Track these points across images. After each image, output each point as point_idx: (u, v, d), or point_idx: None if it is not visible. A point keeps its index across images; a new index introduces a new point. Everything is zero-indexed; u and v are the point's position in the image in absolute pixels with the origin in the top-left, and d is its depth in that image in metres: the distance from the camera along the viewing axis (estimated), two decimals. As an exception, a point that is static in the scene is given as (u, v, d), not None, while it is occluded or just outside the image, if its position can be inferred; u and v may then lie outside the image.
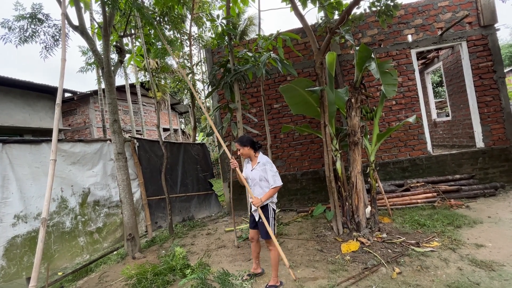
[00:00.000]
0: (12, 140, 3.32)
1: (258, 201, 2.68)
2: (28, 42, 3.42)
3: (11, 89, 9.03)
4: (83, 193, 4.02)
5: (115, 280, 3.48)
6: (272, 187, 2.70)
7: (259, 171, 2.80)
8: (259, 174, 2.79)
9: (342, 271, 2.91)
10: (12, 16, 3.43)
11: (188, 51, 9.23)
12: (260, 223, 2.75)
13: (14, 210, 3.11)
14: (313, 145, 6.12)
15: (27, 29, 3.40)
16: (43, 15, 3.45)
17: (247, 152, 2.88)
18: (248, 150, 2.87)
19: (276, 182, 2.71)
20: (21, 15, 3.30)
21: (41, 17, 3.45)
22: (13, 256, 3.02)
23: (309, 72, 6.16)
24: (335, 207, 4.02)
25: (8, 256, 2.98)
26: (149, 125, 15.23)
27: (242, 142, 2.90)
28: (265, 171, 2.76)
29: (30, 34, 3.41)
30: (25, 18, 3.32)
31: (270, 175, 2.73)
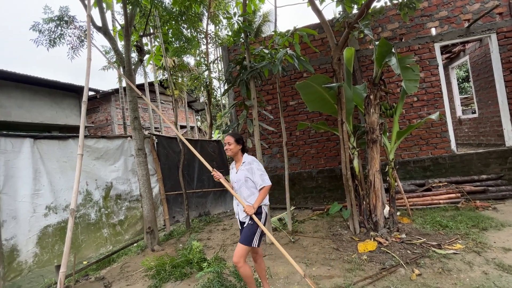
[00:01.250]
0: (42, 136, 3.53)
1: (250, 209, 2.31)
2: (56, 44, 3.63)
3: (40, 88, 9.59)
4: (106, 187, 4.21)
5: (135, 271, 3.64)
6: (261, 186, 2.37)
7: (244, 171, 2.48)
8: (244, 174, 2.46)
9: (358, 271, 2.87)
10: (42, 19, 3.64)
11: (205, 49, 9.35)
12: (248, 224, 2.37)
13: (46, 201, 3.32)
14: (329, 143, 6.03)
15: (55, 31, 3.59)
16: (69, 17, 3.64)
17: (236, 150, 2.54)
18: (237, 148, 2.55)
19: (265, 181, 2.38)
20: (50, 18, 3.50)
21: (68, 19, 3.63)
22: (45, 244, 3.23)
23: (326, 69, 6.06)
24: (352, 206, 3.96)
25: (41, 244, 3.20)
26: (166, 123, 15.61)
27: (237, 138, 2.57)
28: (251, 171, 2.43)
29: (58, 36, 3.61)
30: (54, 21, 3.52)
31: (257, 174, 2.39)
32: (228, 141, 2.56)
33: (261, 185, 2.37)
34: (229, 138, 2.58)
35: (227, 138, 2.58)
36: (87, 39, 2.22)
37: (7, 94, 8.76)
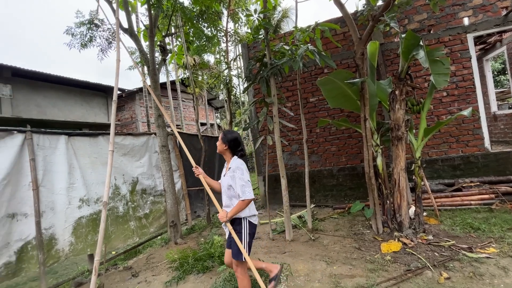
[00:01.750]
0: (75, 133, 3.77)
1: (223, 216, 2.19)
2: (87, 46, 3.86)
3: (72, 88, 10.21)
4: (132, 181, 4.42)
5: (160, 262, 3.80)
6: (241, 199, 2.14)
7: (227, 177, 2.28)
8: (227, 182, 2.27)
9: (382, 271, 2.80)
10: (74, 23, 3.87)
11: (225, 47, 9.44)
12: (232, 239, 2.23)
13: (79, 194, 3.56)
14: (351, 140, 5.89)
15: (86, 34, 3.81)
16: (98, 20, 3.84)
17: (222, 149, 2.37)
18: (223, 149, 2.35)
19: (245, 194, 2.13)
20: (81, 22, 3.72)
21: (97, 23, 3.84)
22: (79, 234, 3.47)
23: (347, 64, 5.89)
24: (375, 205, 3.85)
25: (76, 234, 3.44)
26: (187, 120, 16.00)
27: (225, 137, 2.37)
28: (233, 179, 2.21)
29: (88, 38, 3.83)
30: (85, 24, 3.74)
31: (238, 184, 2.16)
32: (220, 137, 2.40)
33: (241, 197, 2.15)
34: (221, 134, 2.42)
35: (220, 134, 2.43)
36: (116, 41, 2.34)
37: (43, 94, 9.42)
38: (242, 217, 2.23)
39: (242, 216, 2.22)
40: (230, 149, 2.35)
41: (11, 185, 3.01)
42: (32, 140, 3.25)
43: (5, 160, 2.99)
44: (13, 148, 3.08)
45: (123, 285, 3.24)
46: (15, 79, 8.51)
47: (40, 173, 3.28)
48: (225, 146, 2.34)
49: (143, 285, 3.15)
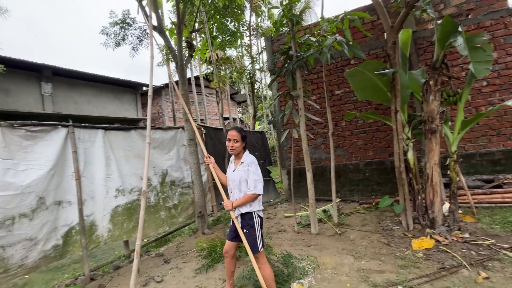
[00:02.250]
0: (111, 127, 4.01)
1: (229, 205, 2.28)
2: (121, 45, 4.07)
3: (104, 86, 10.83)
4: (162, 173, 4.63)
5: (189, 250, 3.98)
6: (251, 192, 2.20)
7: (241, 171, 2.30)
8: (240, 176, 2.29)
9: (413, 268, 2.72)
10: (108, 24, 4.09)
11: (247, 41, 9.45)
12: (245, 233, 2.28)
13: (115, 184, 3.80)
14: (379, 134, 5.68)
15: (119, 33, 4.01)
16: (130, 19, 4.02)
17: (241, 149, 2.37)
18: (241, 146, 2.35)
19: (256, 188, 2.20)
20: (115, 22, 3.91)
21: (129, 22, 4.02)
22: (116, 222, 3.72)
23: (376, 54, 5.66)
24: (405, 201, 3.71)
25: (113, 222, 3.70)
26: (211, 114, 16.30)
27: (244, 134, 2.36)
28: (247, 173, 2.25)
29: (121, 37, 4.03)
30: (118, 24, 3.93)
31: (252, 178, 2.22)
32: (234, 138, 2.31)
33: (252, 191, 2.21)
34: (235, 134, 2.32)
35: (233, 133, 2.32)
36: (150, 38, 2.45)
37: (80, 91, 10.08)
38: (253, 211, 2.27)
39: (253, 210, 2.27)
40: (244, 145, 2.40)
41: (57, 175, 3.29)
42: (74, 134, 3.51)
43: (52, 152, 3.27)
44: (58, 141, 3.35)
45: (156, 270, 3.45)
46: (55, 78, 9.19)
47: (81, 164, 3.54)
48: (244, 144, 2.39)
49: (174, 271, 3.33)
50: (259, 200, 2.31)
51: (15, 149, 2.97)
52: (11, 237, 2.80)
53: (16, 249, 2.83)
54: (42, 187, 3.09)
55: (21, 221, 2.89)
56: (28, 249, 2.92)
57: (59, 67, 9.02)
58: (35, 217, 3.00)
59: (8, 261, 2.77)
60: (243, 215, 2.30)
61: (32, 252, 2.95)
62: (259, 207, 2.32)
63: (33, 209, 3.00)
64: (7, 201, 2.80)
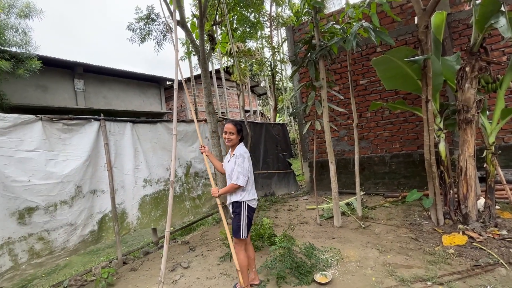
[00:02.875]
0: (138, 120, 4.19)
1: (215, 192, 2.45)
2: (146, 40, 4.19)
3: (131, 81, 11.28)
4: (186, 165, 4.78)
5: (213, 239, 4.11)
6: (233, 182, 2.31)
7: (232, 162, 2.40)
8: (231, 166, 2.39)
9: (443, 264, 2.61)
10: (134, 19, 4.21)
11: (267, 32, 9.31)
12: (232, 219, 2.45)
13: (143, 175, 3.99)
14: (406, 125, 5.42)
15: (144, 28, 4.13)
16: (155, 14, 4.12)
17: (236, 141, 2.45)
18: (237, 138, 2.44)
19: (238, 179, 2.29)
20: (140, 17, 4.03)
21: (154, 17, 4.12)
22: (144, 210, 3.93)
23: (405, 40, 5.34)
24: (435, 195, 3.54)
25: (142, 210, 3.90)
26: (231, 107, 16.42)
27: (239, 128, 2.45)
28: (235, 164, 2.35)
29: (146, 33, 4.15)
30: (143, 20, 4.04)
31: (236, 170, 2.31)
32: (230, 130, 2.40)
33: (233, 181, 2.31)
34: (231, 127, 2.40)
35: (229, 126, 2.41)
36: (174, 32, 2.50)
37: (109, 87, 10.59)
38: (242, 201, 2.38)
39: (243, 200, 2.38)
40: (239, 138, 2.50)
41: (92, 166, 3.51)
42: (105, 127, 3.71)
43: (86, 144, 3.49)
44: (91, 134, 3.56)
45: (182, 256, 3.61)
46: (86, 75, 9.71)
47: (113, 155, 3.75)
48: (239, 137, 2.48)
49: (200, 258, 3.46)
50: (248, 191, 2.40)
51: (54, 141, 3.20)
52: (54, 222, 3.06)
53: (59, 233, 3.09)
54: (79, 176, 3.32)
55: (62, 207, 3.14)
56: (69, 233, 3.17)
57: (90, 64, 9.52)
58: (74, 204, 3.25)
59: (53, 244, 3.03)
60: (233, 202, 2.45)
61: (72, 236, 3.20)
62: (249, 197, 2.41)
63: (72, 196, 3.24)
64: (50, 189, 3.05)
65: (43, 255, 2.96)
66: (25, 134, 2.97)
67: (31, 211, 2.91)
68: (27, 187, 2.90)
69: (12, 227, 2.77)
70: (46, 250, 2.98)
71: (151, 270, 3.32)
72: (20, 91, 8.05)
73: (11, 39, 6.21)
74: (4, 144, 2.81)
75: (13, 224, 2.78)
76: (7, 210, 2.75)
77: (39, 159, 3.03)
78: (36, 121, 3.06)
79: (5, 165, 2.78)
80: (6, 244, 2.72)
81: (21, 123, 2.94)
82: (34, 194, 2.93)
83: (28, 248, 2.86)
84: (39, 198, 2.98)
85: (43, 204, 2.99)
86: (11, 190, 2.79)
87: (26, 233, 2.86)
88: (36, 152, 3.02)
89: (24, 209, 2.86)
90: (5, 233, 2.72)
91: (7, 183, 2.77)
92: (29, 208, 2.90)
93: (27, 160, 2.94)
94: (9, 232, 2.74)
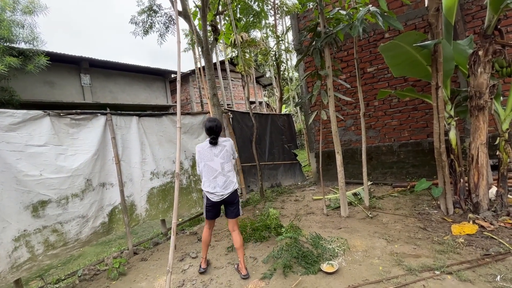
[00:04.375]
0: (144, 114, 4.21)
1: None
2: (148, 33, 4.16)
3: (136, 75, 11.32)
4: (192, 157, 4.81)
5: (221, 230, 4.16)
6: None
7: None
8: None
9: (452, 254, 2.58)
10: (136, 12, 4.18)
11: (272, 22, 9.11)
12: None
13: (150, 168, 4.04)
14: (415, 113, 5.28)
15: (147, 21, 4.10)
16: (157, 6, 4.07)
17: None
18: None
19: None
20: (142, 10, 3.99)
21: (156, 9, 4.07)
22: (152, 202, 4.00)
23: (414, 25, 5.14)
24: (445, 184, 3.47)
25: (150, 202, 3.97)
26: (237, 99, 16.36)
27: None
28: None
29: (149, 25, 4.12)
30: (145, 12, 4.01)
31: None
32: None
33: None
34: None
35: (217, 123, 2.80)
36: (176, 23, 2.46)
37: (114, 81, 10.66)
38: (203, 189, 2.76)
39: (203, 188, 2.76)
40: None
41: (100, 159, 3.57)
42: (112, 121, 3.74)
43: (94, 138, 3.53)
44: (98, 128, 3.60)
45: (191, 247, 3.68)
46: (92, 69, 9.79)
47: (120, 149, 3.79)
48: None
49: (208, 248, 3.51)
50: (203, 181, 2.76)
51: (63, 136, 3.26)
52: (66, 215, 3.14)
53: (71, 225, 3.17)
54: (88, 170, 3.38)
55: (74, 200, 3.22)
56: (81, 225, 3.26)
57: (95, 59, 9.57)
58: (84, 197, 3.32)
59: (66, 236, 3.12)
60: None
61: (84, 228, 3.29)
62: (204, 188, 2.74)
63: (83, 189, 3.31)
64: (61, 183, 3.12)
65: (58, 247, 3.06)
66: (34, 130, 3.02)
67: (44, 204, 2.99)
68: (39, 181, 2.97)
69: (27, 220, 2.85)
70: (60, 242, 3.07)
71: (160, 260, 3.40)
72: (29, 87, 8.18)
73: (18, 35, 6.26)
74: (15, 139, 2.87)
75: (28, 217, 2.86)
76: (21, 203, 2.83)
77: (49, 154, 3.09)
78: (44, 116, 3.11)
79: (16, 160, 2.84)
80: (22, 236, 2.81)
81: (29, 119, 2.99)
82: (46, 188, 3.01)
83: (43, 240, 2.95)
84: (51, 191, 3.05)
85: (55, 197, 3.07)
86: (24, 184, 2.87)
87: (40, 226, 2.95)
88: (46, 147, 3.08)
89: (37, 202, 2.94)
90: (21, 225, 2.80)
91: (20, 177, 2.84)
92: (42, 201, 2.98)
93: (38, 154, 3.00)
94: (24, 224, 2.83)
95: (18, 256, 2.74)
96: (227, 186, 2.69)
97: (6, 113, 2.83)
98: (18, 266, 2.73)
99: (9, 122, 2.83)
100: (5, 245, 2.66)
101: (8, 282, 2.65)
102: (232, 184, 2.72)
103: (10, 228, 2.72)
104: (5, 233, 2.68)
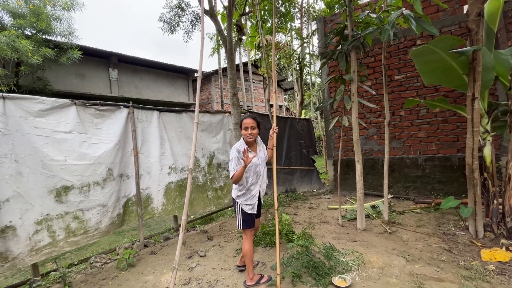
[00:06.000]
0: (164, 109, 4.27)
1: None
2: (176, 30, 4.24)
3: (160, 72, 11.66)
4: (209, 155, 4.82)
5: (231, 231, 4.12)
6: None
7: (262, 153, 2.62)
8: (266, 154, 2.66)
9: (481, 281, 2.34)
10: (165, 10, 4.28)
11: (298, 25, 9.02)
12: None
13: (168, 162, 4.08)
14: (446, 125, 4.96)
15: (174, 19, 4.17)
16: (185, 3, 4.14)
17: (257, 134, 2.51)
18: (257, 132, 2.51)
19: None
20: (171, 7, 4.07)
21: (184, 6, 4.14)
22: (169, 197, 4.03)
23: (450, 32, 4.85)
24: (476, 204, 3.19)
25: (167, 196, 4.01)
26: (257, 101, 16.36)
27: (258, 119, 2.49)
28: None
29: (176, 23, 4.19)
30: (174, 10, 4.09)
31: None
32: (251, 125, 2.41)
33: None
34: (251, 121, 2.41)
35: (249, 121, 2.41)
36: (201, 19, 2.46)
37: (140, 77, 11.04)
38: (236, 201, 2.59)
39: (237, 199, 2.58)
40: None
41: (121, 150, 3.65)
42: (134, 114, 3.83)
43: (116, 129, 3.62)
44: (121, 120, 3.69)
45: (200, 245, 3.65)
46: (120, 64, 10.21)
47: (139, 142, 3.87)
48: (259, 131, 2.52)
49: (216, 248, 3.48)
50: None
51: (88, 125, 3.36)
52: (88, 202, 3.21)
53: (92, 213, 3.22)
54: (110, 159, 3.46)
55: (95, 188, 3.29)
56: (101, 214, 3.30)
57: (124, 54, 9.97)
58: (105, 186, 3.38)
59: (87, 224, 3.17)
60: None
61: (104, 217, 3.33)
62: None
63: (104, 178, 3.38)
64: (84, 170, 3.20)
65: (79, 234, 3.08)
66: (61, 117, 3.14)
67: (67, 189, 3.07)
68: (63, 166, 3.06)
69: (50, 204, 2.93)
70: (81, 229, 3.11)
71: (169, 255, 3.40)
72: (61, 78, 8.66)
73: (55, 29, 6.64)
74: (43, 124, 2.99)
75: (51, 202, 2.94)
76: (45, 187, 2.92)
77: (74, 141, 3.19)
78: (71, 105, 3.23)
79: (44, 144, 2.96)
80: (45, 220, 2.88)
81: (57, 106, 3.11)
82: (69, 174, 3.09)
83: (65, 226, 3.00)
84: (74, 177, 3.13)
85: (78, 184, 3.14)
86: (49, 168, 2.97)
87: (62, 211, 3.00)
88: (71, 134, 3.19)
89: (60, 187, 3.02)
90: (44, 209, 2.88)
91: (46, 161, 2.94)
92: (65, 187, 3.06)
93: (63, 141, 3.10)
94: (47, 209, 2.90)
95: (38, 239, 2.82)
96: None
97: (36, 99, 2.96)
98: (38, 250, 2.81)
99: (39, 108, 2.96)
100: (26, 227, 2.75)
101: (25, 264, 2.73)
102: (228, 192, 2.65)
103: (34, 210, 2.81)
104: (28, 215, 2.77)
